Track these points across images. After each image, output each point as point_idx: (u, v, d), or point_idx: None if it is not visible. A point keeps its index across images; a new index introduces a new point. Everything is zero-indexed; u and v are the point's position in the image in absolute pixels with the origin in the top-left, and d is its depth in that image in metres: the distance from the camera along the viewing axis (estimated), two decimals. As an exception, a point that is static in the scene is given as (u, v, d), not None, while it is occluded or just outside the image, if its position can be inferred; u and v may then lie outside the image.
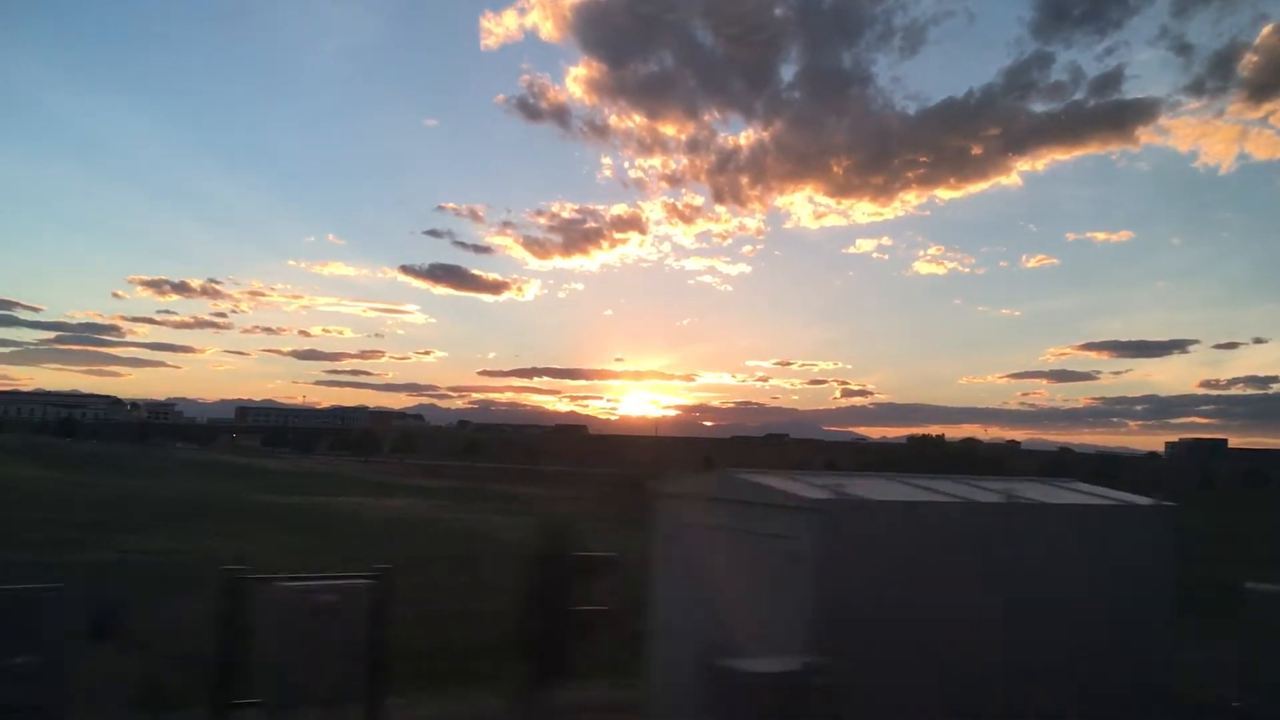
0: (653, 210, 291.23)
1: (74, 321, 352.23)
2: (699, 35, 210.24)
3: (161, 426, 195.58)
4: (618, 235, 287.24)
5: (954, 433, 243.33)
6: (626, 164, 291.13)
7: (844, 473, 9.53)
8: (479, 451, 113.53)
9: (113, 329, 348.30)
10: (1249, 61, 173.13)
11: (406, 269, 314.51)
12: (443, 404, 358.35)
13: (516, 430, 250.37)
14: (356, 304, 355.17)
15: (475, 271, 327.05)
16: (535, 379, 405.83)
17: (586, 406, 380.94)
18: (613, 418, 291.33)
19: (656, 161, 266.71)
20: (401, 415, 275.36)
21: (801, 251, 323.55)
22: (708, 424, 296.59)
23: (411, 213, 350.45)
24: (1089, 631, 8.11)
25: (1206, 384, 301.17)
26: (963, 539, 7.74)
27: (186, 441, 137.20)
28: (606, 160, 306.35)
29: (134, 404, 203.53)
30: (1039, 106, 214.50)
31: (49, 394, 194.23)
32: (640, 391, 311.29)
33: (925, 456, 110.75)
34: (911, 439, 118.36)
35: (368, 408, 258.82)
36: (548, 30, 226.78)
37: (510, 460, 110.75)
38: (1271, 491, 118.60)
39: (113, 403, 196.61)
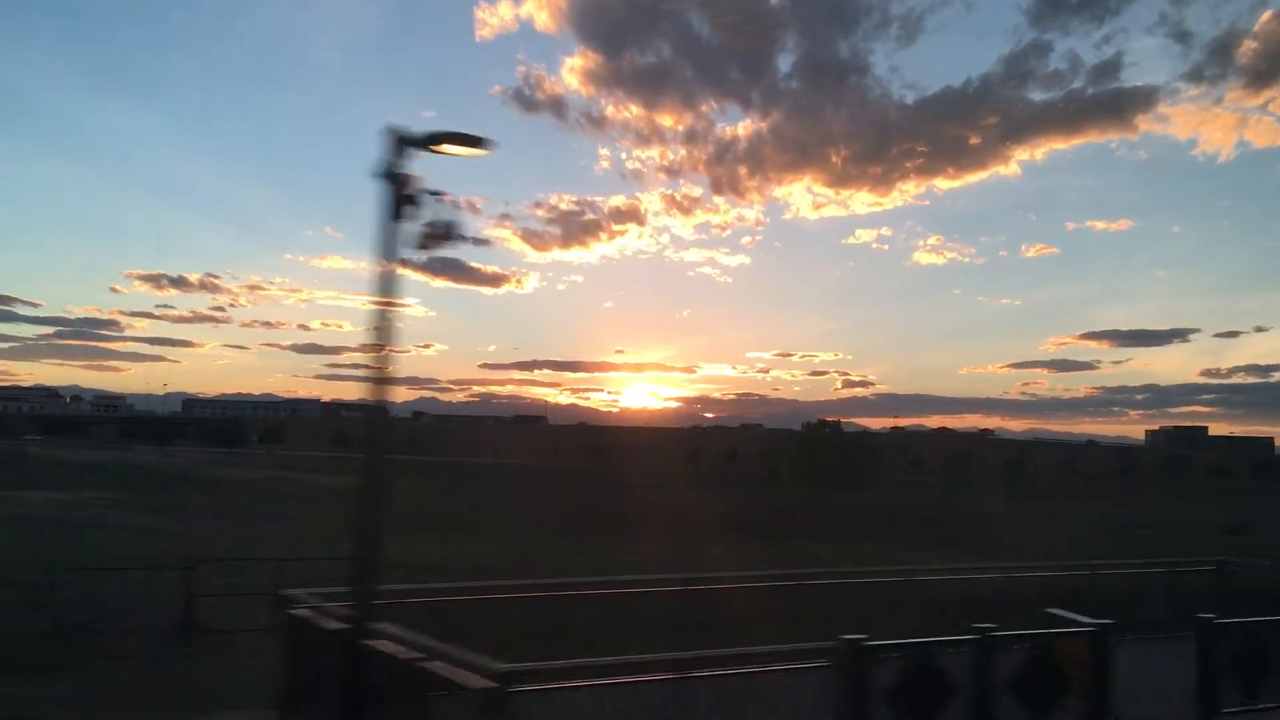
0: (651, 202, 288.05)
1: (72, 316, 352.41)
2: (695, 25, 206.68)
3: (107, 420, 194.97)
4: (616, 227, 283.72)
5: (956, 423, 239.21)
6: (624, 155, 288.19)
7: None
8: (348, 443, 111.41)
9: (111, 324, 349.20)
10: (1247, 48, 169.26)
11: (405, 262, 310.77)
12: (444, 397, 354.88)
13: (473, 421, 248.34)
14: (355, 297, 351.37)
15: (474, 264, 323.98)
16: (536, 371, 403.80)
17: (588, 399, 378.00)
18: (614, 409, 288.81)
19: (654, 153, 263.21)
20: (364, 407, 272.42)
21: (801, 242, 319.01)
22: (709, 416, 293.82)
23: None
24: None
25: (1207, 373, 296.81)
26: None
27: (59, 435, 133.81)
28: (604, 152, 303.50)
29: (75, 397, 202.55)
30: (1037, 95, 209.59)
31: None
32: (641, 383, 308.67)
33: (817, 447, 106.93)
34: (806, 426, 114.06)
35: (319, 399, 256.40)
36: (543, 21, 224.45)
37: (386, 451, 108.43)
38: (1163, 482, 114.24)
39: (50, 396, 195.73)
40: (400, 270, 7.83)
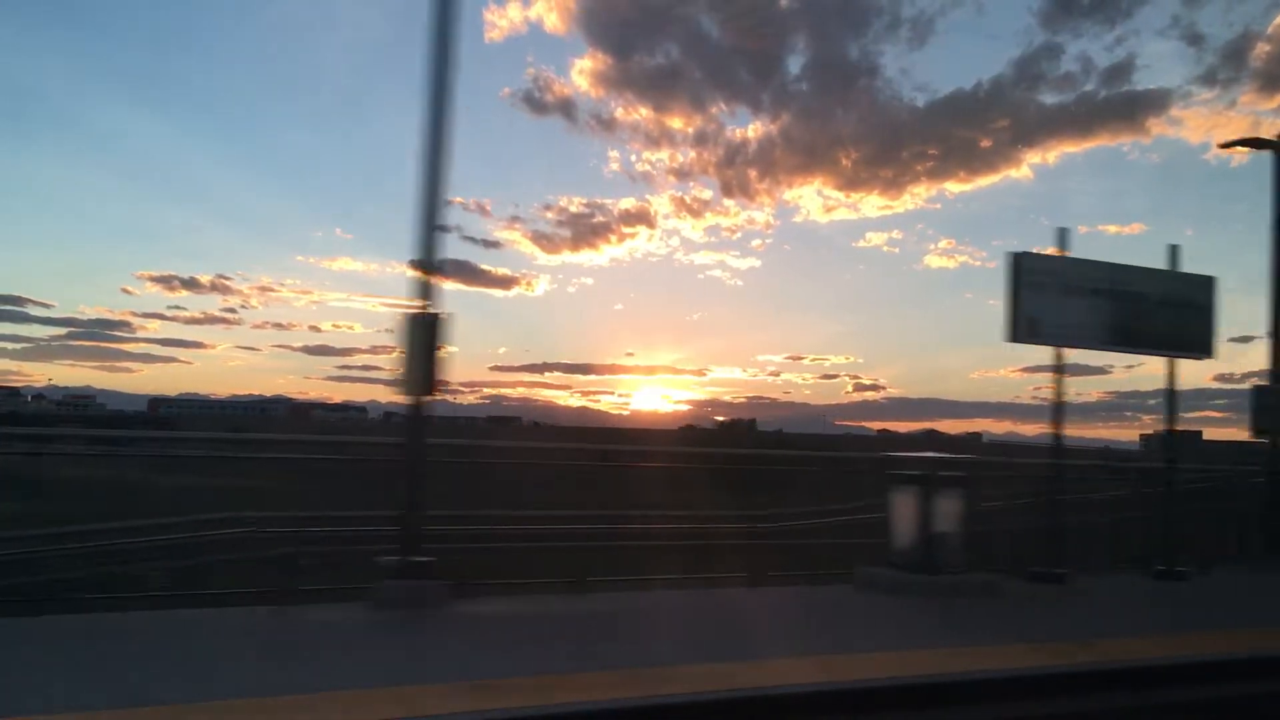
0: (661, 204, 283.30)
1: (85, 317, 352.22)
2: (705, 27, 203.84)
3: (68, 419, 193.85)
4: (626, 230, 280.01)
5: (965, 427, 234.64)
6: (634, 157, 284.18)
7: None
8: (243, 442, 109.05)
9: (124, 325, 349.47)
10: (1261, 51, 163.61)
11: (415, 264, 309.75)
12: (455, 399, 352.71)
13: (456, 422, 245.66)
14: (366, 299, 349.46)
15: (484, 266, 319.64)
16: (546, 374, 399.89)
17: (598, 401, 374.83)
18: (625, 412, 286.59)
19: (664, 155, 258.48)
20: (344, 408, 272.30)
21: (811, 245, 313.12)
22: (720, 419, 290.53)
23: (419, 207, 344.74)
24: None
25: (1220, 378, 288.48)
26: None
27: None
28: (614, 154, 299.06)
29: (37, 395, 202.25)
30: (1049, 98, 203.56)
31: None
32: (652, 386, 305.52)
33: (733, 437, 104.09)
34: (718, 424, 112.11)
35: (290, 398, 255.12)
36: (552, 22, 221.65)
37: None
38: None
39: (10, 393, 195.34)
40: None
